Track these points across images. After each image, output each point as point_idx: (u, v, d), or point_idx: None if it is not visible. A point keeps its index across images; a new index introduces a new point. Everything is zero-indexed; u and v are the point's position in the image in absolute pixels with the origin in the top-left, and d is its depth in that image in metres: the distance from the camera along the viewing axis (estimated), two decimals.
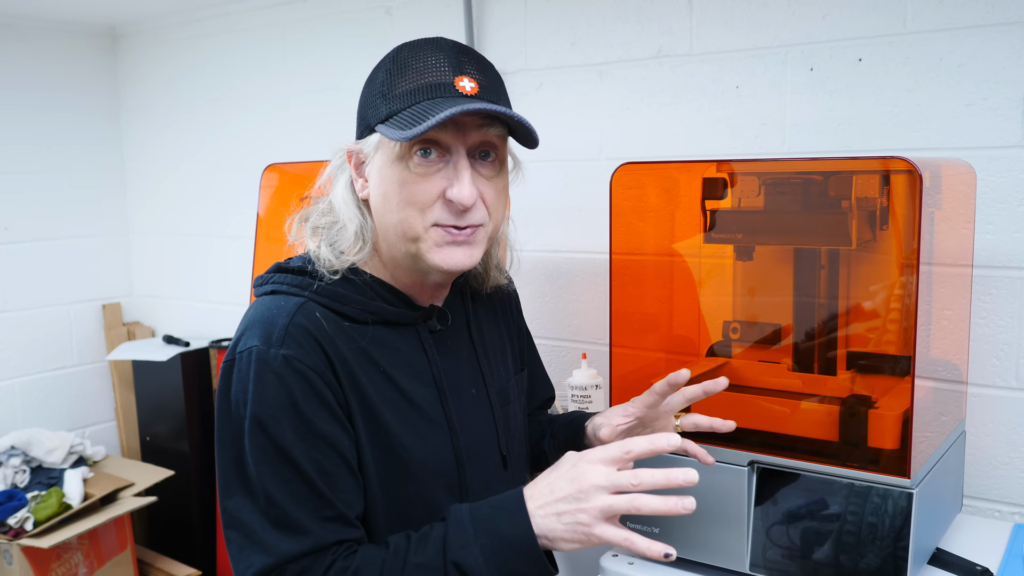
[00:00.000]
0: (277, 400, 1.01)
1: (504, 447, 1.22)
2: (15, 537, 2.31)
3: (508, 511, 0.99)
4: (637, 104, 1.95)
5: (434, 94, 1.04)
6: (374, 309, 1.10)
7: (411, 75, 1.06)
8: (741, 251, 1.44)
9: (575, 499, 0.97)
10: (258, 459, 1.01)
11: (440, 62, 1.06)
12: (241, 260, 2.81)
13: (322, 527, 1.00)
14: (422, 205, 1.05)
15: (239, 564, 1.02)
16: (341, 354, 1.06)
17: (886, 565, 1.18)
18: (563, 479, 0.99)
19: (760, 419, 1.33)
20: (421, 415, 1.11)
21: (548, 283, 2.15)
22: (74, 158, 3.06)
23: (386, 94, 1.07)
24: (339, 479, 1.03)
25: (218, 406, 1.06)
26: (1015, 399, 1.56)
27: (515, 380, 1.30)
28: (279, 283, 1.12)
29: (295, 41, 2.62)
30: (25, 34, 2.90)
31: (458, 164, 1.05)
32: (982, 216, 1.56)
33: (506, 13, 2.13)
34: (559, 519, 0.98)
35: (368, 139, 1.09)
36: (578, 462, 1.00)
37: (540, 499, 0.99)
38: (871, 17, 1.64)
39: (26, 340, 2.94)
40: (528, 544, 0.98)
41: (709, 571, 1.34)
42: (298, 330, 1.04)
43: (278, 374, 1.01)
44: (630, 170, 1.44)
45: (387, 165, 1.07)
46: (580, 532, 0.97)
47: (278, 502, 1.00)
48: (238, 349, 1.05)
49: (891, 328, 1.35)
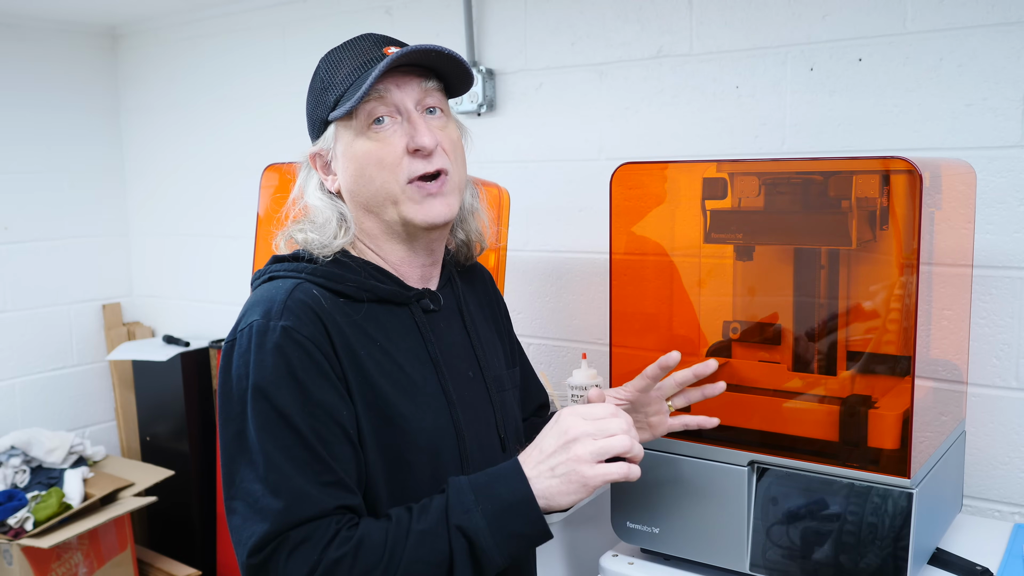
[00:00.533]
0: (277, 369, 1.03)
1: (502, 430, 1.24)
2: (15, 537, 2.31)
3: (506, 477, 1.03)
4: (637, 104, 1.95)
5: (368, 67, 1.12)
6: (368, 287, 1.14)
7: (344, 63, 1.14)
8: (741, 251, 1.44)
9: (564, 450, 1.02)
10: (259, 426, 1.02)
11: (367, 43, 1.15)
12: (241, 260, 2.81)
13: (322, 491, 1.01)
14: (392, 164, 1.12)
15: (242, 534, 1.02)
16: (339, 327, 1.08)
17: (886, 565, 1.18)
18: (550, 436, 1.05)
19: (760, 419, 1.33)
20: (418, 389, 1.14)
21: (548, 283, 2.15)
22: (74, 158, 3.06)
23: (327, 87, 1.14)
24: (337, 447, 1.04)
25: (220, 385, 1.08)
26: (1015, 399, 1.56)
27: (508, 373, 1.32)
28: (276, 270, 1.16)
29: (295, 41, 2.62)
30: (25, 34, 2.90)
31: (411, 117, 1.13)
32: (982, 216, 1.56)
33: (506, 13, 2.13)
34: (553, 473, 1.02)
35: (325, 135, 1.16)
36: (560, 417, 1.05)
37: (533, 461, 1.04)
38: (871, 17, 1.64)
39: (26, 340, 2.94)
40: (528, 505, 1.01)
41: (709, 571, 1.34)
42: (296, 304, 1.07)
43: (277, 344, 1.04)
44: (630, 170, 1.44)
45: (349, 145, 1.14)
46: (576, 480, 1.01)
47: (279, 467, 1.01)
48: (239, 328, 1.09)
49: (891, 328, 1.35)
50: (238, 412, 1.05)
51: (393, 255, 1.18)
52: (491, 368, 1.26)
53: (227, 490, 1.06)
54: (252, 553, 1.00)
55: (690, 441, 1.34)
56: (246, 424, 1.04)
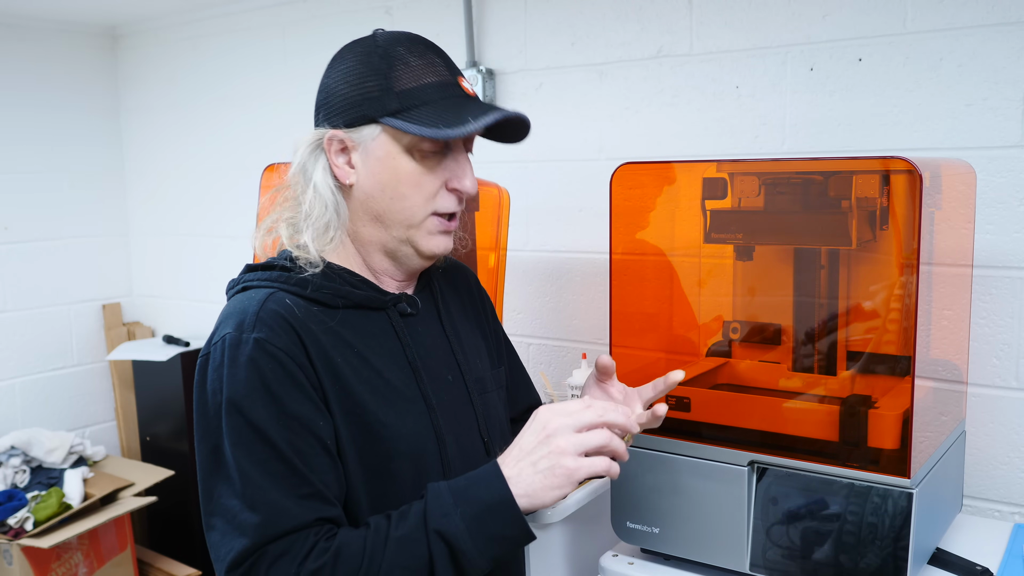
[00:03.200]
0: (250, 382, 1.02)
1: (485, 433, 1.22)
2: (15, 537, 2.31)
3: (484, 479, 1.03)
4: (637, 104, 1.95)
5: (446, 93, 1.11)
6: (343, 293, 1.13)
7: (412, 72, 1.10)
8: (741, 251, 1.44)
9: (544, 444, 1.02)
10: (234, 441, 1.01)
11: (432, 60, 1.13)
12: (241, 260, 2.78)
13: (299, 504, 1.00)
14: (429, 194, 1.12)
15: (220, 550, 1.01)
16: (314, 336, 1.07)
17: (886, 565, 1.18)
18: (528, 433, 1.04)
19: (760, 419, 1.33)
20: (398, 394, 1.12)
21: (548, 283, 2.15)
22: (74, 158, 3.06)
23: (389, 88, 1.09)
24: (314, 459, 1.03)
25: (196, 400, 1.07)
26: (1015, 399, 1.56)
27: (492, 374, 1.30)
28: (250, 280, 1.15)
29: (295, 41, 2.62)
30: (25, 34, 2.90)
31: (459, 158, 1.14)
32: (982, 216, 1.56)
33: (506, 13, 2.13)
34: (534, 468, 1.01)
35: (363, 129, 1.11)
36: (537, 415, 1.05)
37: (512, 460, 1.03)
38: (871, 17, 1.64)
39: (26, 340, 2.95)
40: (507, 505, 1.00)
41: (709, 571, 1.34)
42: (269, 315, 1.06)
43: (250, 357, 1.02)
44: (630, 170, 1.44)
45: (391, 156, 1.10)
46: (560, 474, 1.01)
47: (255, 481, 1.00)
48: (213, 341, 1.08)
49: (891, 328, 1.35)
50: (214, 427, 1.03)
51: (379, 265, 1.17)
52: (473, 370, 1.25)
53: (205, 506, 1.05)
54: (230, 568, 0.99)
55: (690, 441, 1.34)
56: (221, 439, 1.02)
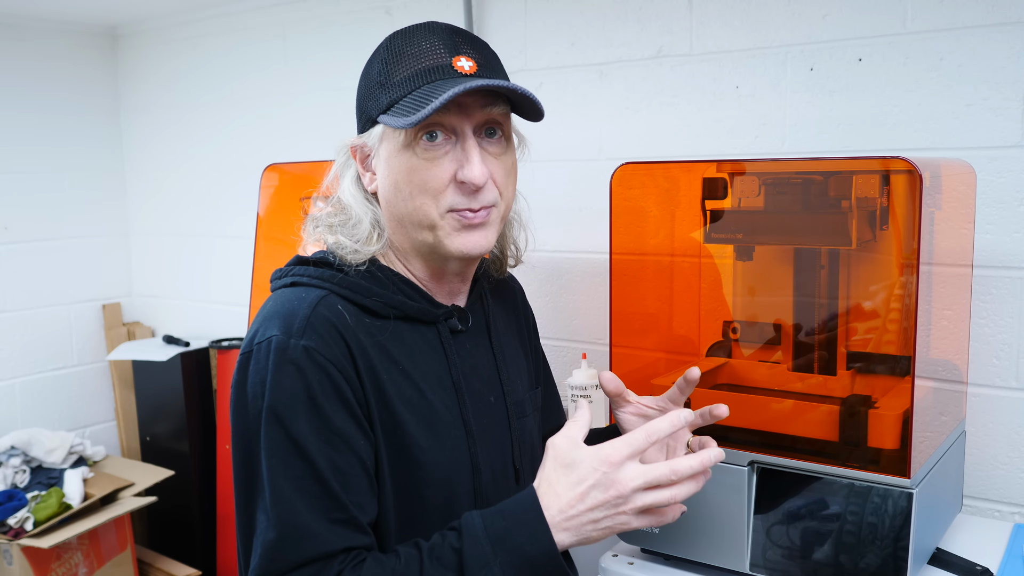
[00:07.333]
0: (294, 392, 0.97)
1: (518, 460, 1.18)
2: (15, 537, 2.31)
3: (526, 524, 0.96)
4: (637, 104, 1.95)
5: (433, 77, 1.03)
6: (396, 303, 1.08)
7: (407, 61, 1.05)
8: (741, 251, 1.43)
9: (614, 505, 0.96)
10: (271, 452, 0.97)
11: (435, 45, 1.06)
12: (241, 260, 2.81)
13: (330, 530, 0.96)
14: (435, 191, 1.04)
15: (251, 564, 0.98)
16: (363, 348, 1.02)
17: (886, 565, 1.18)
18: (595, 488, 0.96)
19: (760, 419, 1.33)
20: (439, 417, 1.08)
21: (548, 283, 2.15)
22: (74, 158, 3.06)
23: (384, 83, 1.06)
24: (353, 479, 0.99)
25: (233, 401, 1.02)
26: (1015, 399, 1.56)
27: (530, 395, 1.26)
28: (299, 275, 1.08)
29: (295, 41, 2.62)
30: (25, 34, 2.90)
31: (465, 145, 1.04)
32: (982, 216, 1.56)
33: (506, 13, 2.13)
34: (596, 526, 0.96)
35: (371, 131, 1.08)
36: (605, 468, 0.97)
37: (565, 509, 0.96)
38: (871, 17, 1.64)
39: (26, 340, 2.94)
40: (550, 558, 0.95)
41: (709, 571, 1.34)
42: (320, 321, 1.00)
43: (297, 365, 0.97)
44: (630, 170, 1.44)
45: (394, 154, 1.06)
46: (617, 529, 0.98)
47: (287, 499, 0.95)
48: (256, 340, 1.01)
49: (891, 328, 1.35)
50: (252, 433, 0.99)
51: (422, 271, 1.12)
52: (514, 392, 1.21)
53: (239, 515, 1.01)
54: None
55: None
56: (258, 448, 0.98)
